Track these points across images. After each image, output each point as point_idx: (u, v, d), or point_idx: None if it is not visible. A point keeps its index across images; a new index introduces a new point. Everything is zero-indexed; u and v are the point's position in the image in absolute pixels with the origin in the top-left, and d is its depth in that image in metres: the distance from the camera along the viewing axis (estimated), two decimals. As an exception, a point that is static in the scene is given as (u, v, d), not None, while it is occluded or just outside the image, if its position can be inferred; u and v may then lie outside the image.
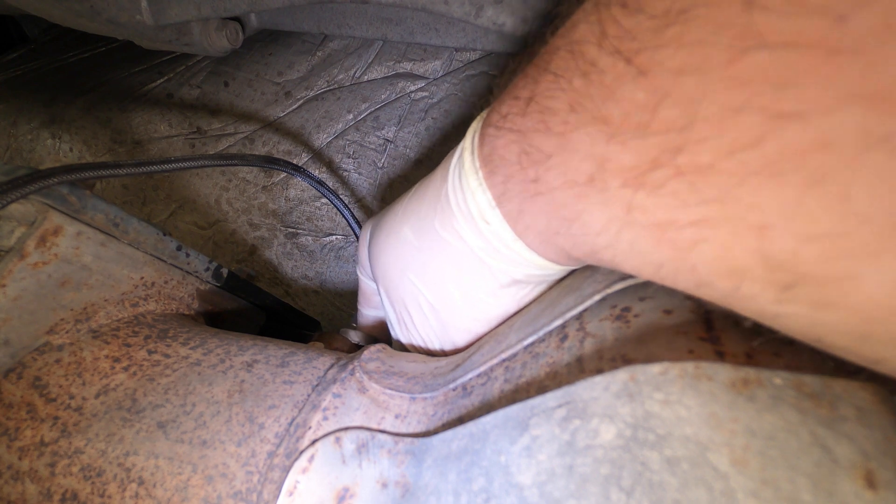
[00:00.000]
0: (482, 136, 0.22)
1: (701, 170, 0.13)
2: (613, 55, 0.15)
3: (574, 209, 0.18)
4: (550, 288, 0.26)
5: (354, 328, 0.38)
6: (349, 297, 0.56)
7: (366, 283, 0.35)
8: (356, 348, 0.36)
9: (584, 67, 0.16)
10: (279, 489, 0.22)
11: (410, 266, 0.26)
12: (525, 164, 0.19)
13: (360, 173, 0.56)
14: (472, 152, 0.22)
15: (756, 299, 0.14)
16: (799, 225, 0.12)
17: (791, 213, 0.12)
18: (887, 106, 0.10)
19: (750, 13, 0.12)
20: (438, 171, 0.26)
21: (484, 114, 0.24)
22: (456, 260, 0.24)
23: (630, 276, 0.20)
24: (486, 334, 0.26)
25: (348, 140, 0.56)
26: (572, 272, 0.26)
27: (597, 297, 0.20)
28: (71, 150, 0.59)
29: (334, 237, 0.56)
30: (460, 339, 0.27)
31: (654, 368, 0.15)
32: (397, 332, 0.30)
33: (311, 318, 0.48)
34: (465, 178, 0.22)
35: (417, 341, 0.29)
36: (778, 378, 0.14)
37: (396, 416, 0.24)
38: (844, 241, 0.12)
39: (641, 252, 0.16)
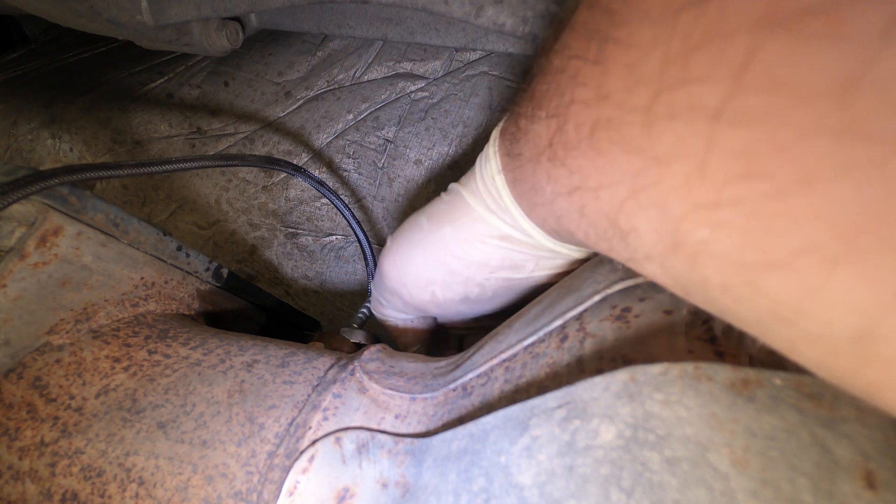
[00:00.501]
0: (504, 119, 0.26)
1: (565, 143, 0.18)
2: (545, 54, 0.20)
3: (534, 178, 0.22)
4: (550, 289, 0.26)
5: (354, 328, 0.38)
6: (349, 297, 0.56)
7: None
8: (356, 348, 0.36)
9: (541, 63, 0.21)
10: (279, 489, 0.22)
11: (427, 211, 0.31)
12: (514, 139, 0.23)
13: (360, 173, 0.56)
14: (498, 128, 0.26)
15: (620, 254, 0.17)
16: (603, 186, 0.17)
17: (598, 176, 0.17)
18: (607, 100, 0.16)
19: (569, 32, 0.18)
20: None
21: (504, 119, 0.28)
22: (463, 208, 0.28)
23: (630, 277, 0.20)
24: (454, 282, 0.30)
25: (348, 140, 0.56)
26: (572, 272, 0.26)
27: (597, 298, 0.20)
28: (71, 150, 0.59)
29: (334, 237, 0.56)
30: (433, 273, 0.30)
31: (654, 369, 0.15)
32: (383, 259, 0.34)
33: (311, 318, 0.48)
34: (486, 150, 0.27)
35: (392, 267, 0.32)
36: (778, 378, 0.14)
37: (396, 417, 0.24)
38: (619, 195, 0.16)
39: (573, 217, 0.20)
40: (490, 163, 0.26)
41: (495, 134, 0.26)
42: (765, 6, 0.10)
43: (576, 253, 0.26)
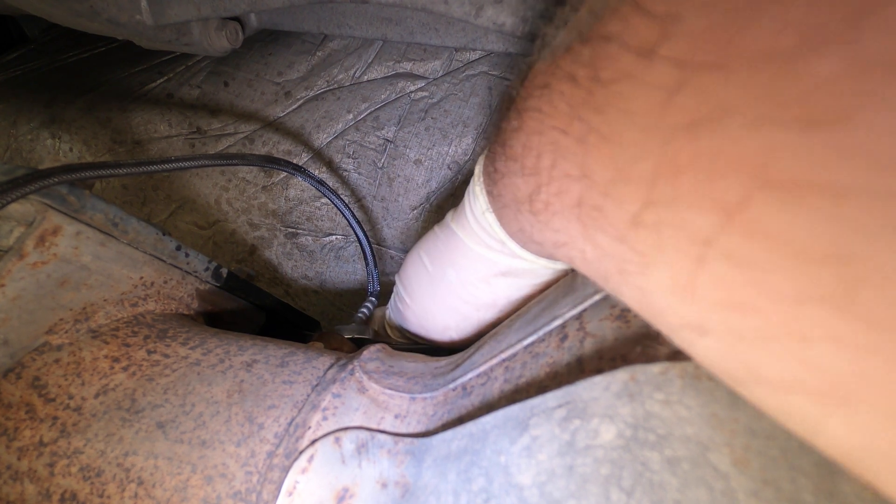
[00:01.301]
0: (486, 159, 0.26)
1: (546, 205, 0.18)
2: (516, 109, 0.20)
3: (519, 222, 0.22)
4: (550, 288, 0.26)
5: (349, 325, 0.38)
6: (349, 297, 0.56)
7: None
8: (356, 348, 0.36)
9: (510, 115, 0.21)
10: (278, 489, 0.22)
11: (427, 250, 0.31)
12: (491, 181, 0.23)
13: (360, 173, 0.55)
14: (480, 164, 0.26)
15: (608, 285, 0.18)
16: (589, 252, 0.17)
17: (584, 243, 0.17)
18: (592, 183, 0.15)
19: (555, 100, 0.17)
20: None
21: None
22: (463, 251, 0.28)
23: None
24: (467, 325, 0.30)
25: (348, 140, 0.56)
26: (572, 273, 0.26)
27: (597, 297, 0.20)
28: (71, 150, 0.59)
29: (334, 237, 0.56)
30: (447, 318, 0.31)
31: (655, 368, 0.15)
32: (393, 307, 0.35)
33: (311, 318, 0.48)
34: (473, 186, 0.27)
35: (412, 315, 0.33)
36: (778, 378, 0.14)
37: (396, 416, 0.24)
38: (604, 266, 0.16)
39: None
40: (478, 200, 0.26)
41: (478, 170, 0.26)
42: (759, 167, 0.10)
43: None
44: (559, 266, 0.26)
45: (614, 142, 0.14)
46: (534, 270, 0.26)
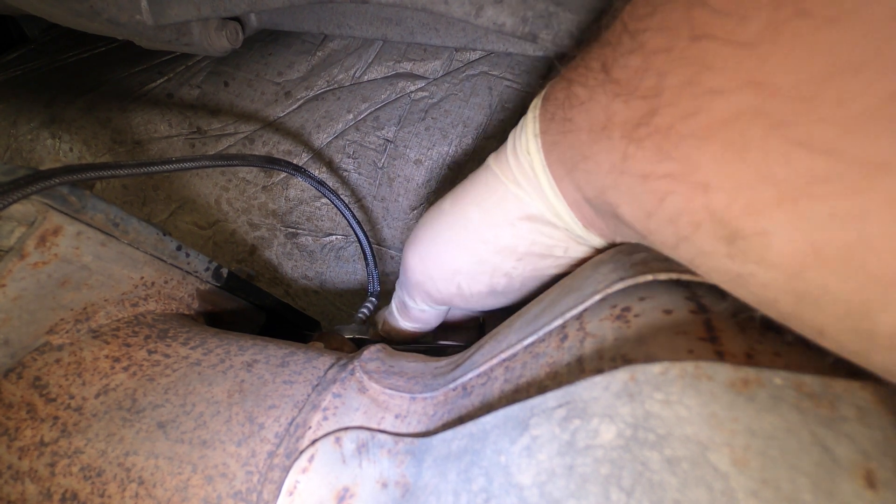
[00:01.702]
0: (550, 85, 0.25)
1: (665, 130, 0.16)
2: (627, 32, 0.19)
3: (591, 148, 0.20)
4: (550, 288, 0.26)
5: (349, 325, 0.38)
6: (349, 297, 0.56)
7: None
8: (356, 348, 0.36)
9: (613, 39, 0.20)
10: (279, 489, 0.22)
11: (452, 194, 0.30)
12: (566, 105, 0.22)
13: (360, 173, 0.56)
14: (540, 96, 0.25)
15: (715, 255, 0.16)
16: (725, 181, 0.15)
17: (720, 171, 0.15)
18: (764, 90, 0.13)
19: (693, 10, 0.15)
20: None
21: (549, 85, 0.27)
22: (493, 186, 0.27)
23: (629, 277, 0.20)
24: (480, 271, 0.28)
25: (348, 140, 0.56)
26: (572, 273, 0.26)
27: (597, 297, 0.20)
28: (71, 150, 0.59)
29: (334, 237, 0.56)
30: (459, 261, 0.29)
31: (654, 368, 0.15)
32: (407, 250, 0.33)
33: (311, 318, 0.48)
34: (526, 116, 0.26)
35: (418, 260, 0.31)
36: (778, 378, 0.14)
37: (396, 416, 0.24)
38: (752, 197, 0.14)
39: (635, 198, 0.19)
40: (527, 127, 0.25)
41: (537, 101, 0.25)
42: None
43: (597, 242, 0.25)
44: (580, 230, 0.25)
45: (825, 19, 0.12)
46: (557, 225, 0.25)
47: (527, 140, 0.25)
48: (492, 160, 0.27)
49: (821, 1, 0.12)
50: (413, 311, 0.35)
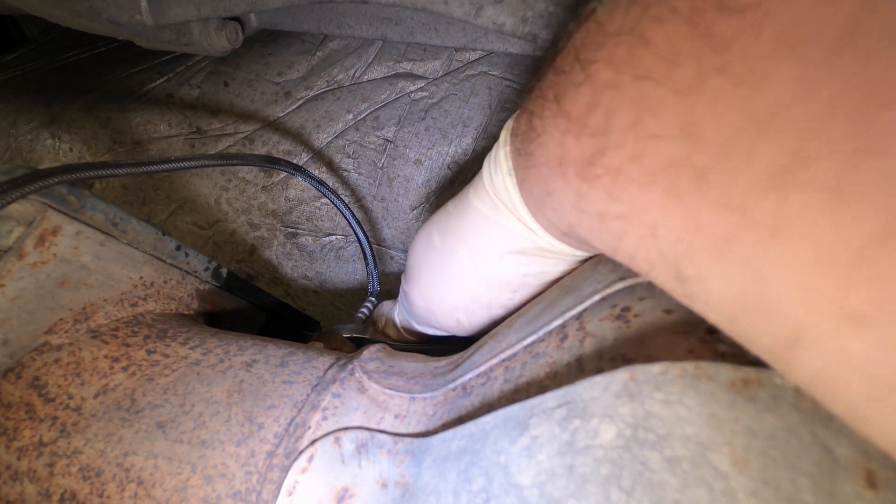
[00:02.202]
0: (514, 118, 0.25)
1: (615, 171, 0.16)
2: (578, 61, 0.18)
3: (551, 185, 0.20)
4: (550, 288, 0.26)
5: (348, 325, 0.38)
6: (349, 297, 0.56)
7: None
8: (356, 348, 0.36)
9: (565, 67, 0.19)
10: (278, 489, 0.22)
11: (439, 225, 0.30)
12: (527, 139, 0.22)
13: (360, 173, 0.55)
14: (508, 129, 0.25)
15: (674, 292, 0.16)
16: (668, 226, 0.15)
17: (663, 216, 0.15)
18: (694, 140, 0.13)
19: (641, 49, 0.15)
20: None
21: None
22: (476, 222, 0.26)
23: (629, 277, 0.20)
24: (477, 306, 0.28)
25: (348, 140, 0.56)
26: (571, 273, 0.26)
27: (597, 298, 0.20)
28: (71, 150, 0.59)
29: (334, 237, 0.56)
30: (455, 299, 0.29)
31: (655, 368, 0.15)
32: (401, 299, 0.33)
33: (310, 318, 0.48)
34: (497, 151, 0.25)
35: (417, 295, 0.31)
36: (778, 378, 0.14)
37: (396, 416, 0.24)
38: (689, 243, 0.14)
39: (597, 235, 0.18)
40: (500, 164, 0.24)
41: (505, 135, 0.25)
42: None
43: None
44: (568, 253, 0.24)
45: (747, 84, 0.12)
46: (542, 249, 0.25)
47: (503, 177, 0.24)
48: (472, 195, 0.27)
49: (738, 58, 0.13)
50: (419, 330, 0.35)
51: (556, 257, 0.25)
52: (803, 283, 0.11)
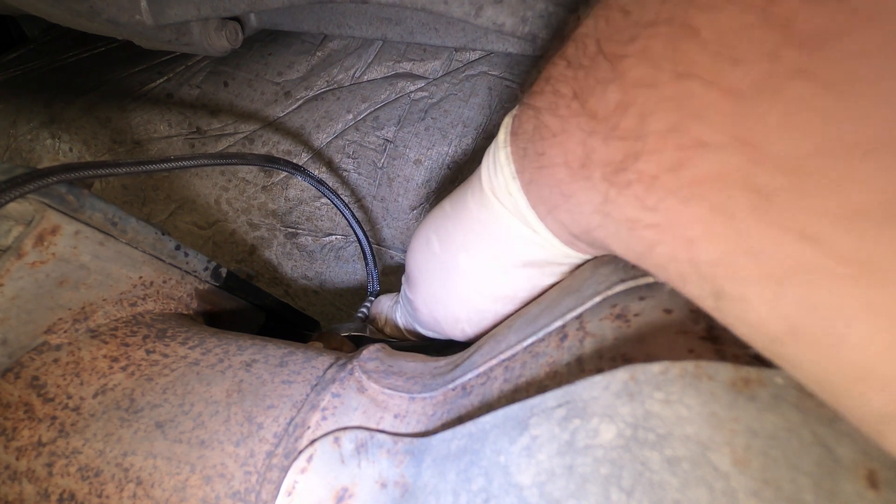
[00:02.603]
0: (515, 118, 0.23)
1: (650, 179, 0.15)
2: (604, 55, 0.16)
3: (569, 187, 0.19)
4: (550, 289, 0.26)
5: (346, 324, 0.38)
6: (349, 297, 0.56)
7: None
8: (355, 348, 0.35)
9: (585, 62, 0.17)
10: (278, 489, 0.22)
11: (437, 230, 0.27)
12: (536, 138, 0.20)
13: (359, 173, 0.55)
14: (507, 128, 0.23)
15: (703, 304, 0.15)
16: (709, 243, 0.13)
17: (705, 231, 0.13)
18: (753, 152, 0.12)
19: (685, 42, 0.13)
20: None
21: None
22: (477, 231, 0.25)
23: (630, 278, 0.20)
24: (481, 319, 0.27)
25: (348, 140, 0.56)
26: (572, 273, 0.25)
27: (597, 299, 0.20)
28: (70, 150, 0.59)
29: (334, 237, 0.56)
30: (458, 311, 0.27)
31: (655, 368, 0.15)
32: (403, 300, 0.32)
33: (310, 318, 0.48)
34: (496, 153, 0.23)
35: (421, 303, 0.30)
36: (779, 377, 0.14)
37: (395, 416, 0.24)
38: (735, 264, 0.13)
39: (622, 240, 0.17)
40: (502, 167, 0.22)
41: (505, 134, 0.23)
42: None
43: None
44: (574, 257, 0.23)
45: (852, 93, 0.10)
46: (551, 258, 0.23)
47: (506, 181, 0.22)
48: (470, 200, 0.25)
49: (829, 60, 0.10)
50: (423, 334, 0.34)
51: (564, 266, 0.24)
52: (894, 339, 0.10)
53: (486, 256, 0.25)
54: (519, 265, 0.24)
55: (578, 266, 0.25)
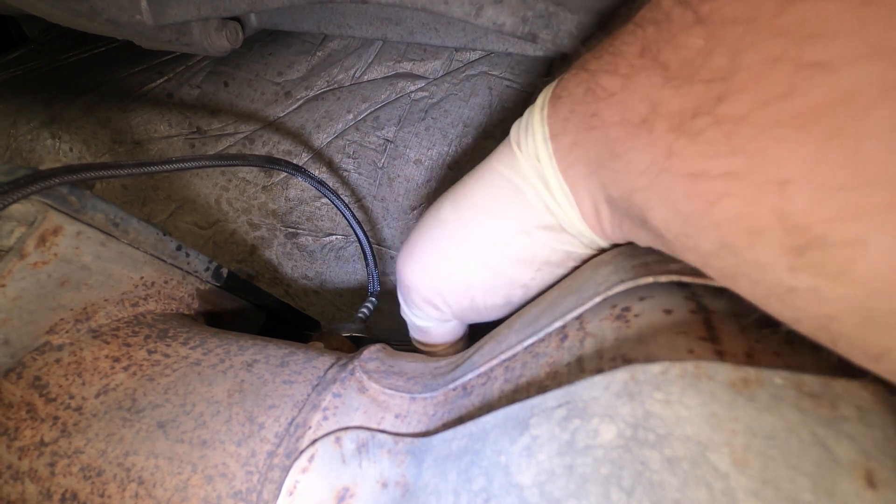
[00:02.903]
0: (560, 82, 0.23)
1: (736, 120, 0.14)
2: (682, 5, 0.16)
3: (623, 145, 0.18)
4: (550, 290, 0.26)
5: (347, 324, 0.38)
6: (349, 297, 0.56)
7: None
8: (356, 348, 0.36)
9: (658, 16, 0.17)
10: (279, 489, 0.22)
11: (452, 197, 0.27)
12: (589, 99, 0.20)
13: (360, 173, 0.56)
14: (546, 95, 0.23)
15: (771, 267, 0.13)
16: (815, 181, 0.12)
17: (809, 168, 0.12)
18: None
19: None
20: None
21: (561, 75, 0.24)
22: (502, 191, 0.24)
23: (630, 279, 0.20)
24: (498, 284, 0.26)
25: (348, 140, 0.56)
26: (572, 274, 0.26)
27: (597, 299, 0.20)
28: (71, 150, 0.59)
29: (334, 237, 0.56)
30: (473, 274, 0.26)
31: (655, 368, 0.15)
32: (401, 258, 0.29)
33: (311, 318, 0.48)
34: (530, 117, 0.23)
35: (420, 274, 0.28)
36: (778, 378, 0.14)
37: (396, 416, 0.24)
38: (853, 200, 0.11)
39: (672, 200, 0.16)
40: (534, 131, 0.22)
41: (543, 99, 0.23)
42: None
43: (604, 244, 0.24)
44: (593, 236, 0.23)
45: None
46: (572, 233, 0.23)
47: (535, 145, 0.22)
48: (498, 163, 0.25)
49: None
50: (409, 319, 0.32)
51: (576, 240, 0.24)
52: None
53: (508, 217, 0.24)
54: (541, 227, 0.24)
55: (585, 261, 0.25)
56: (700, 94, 0.15)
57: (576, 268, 0.26)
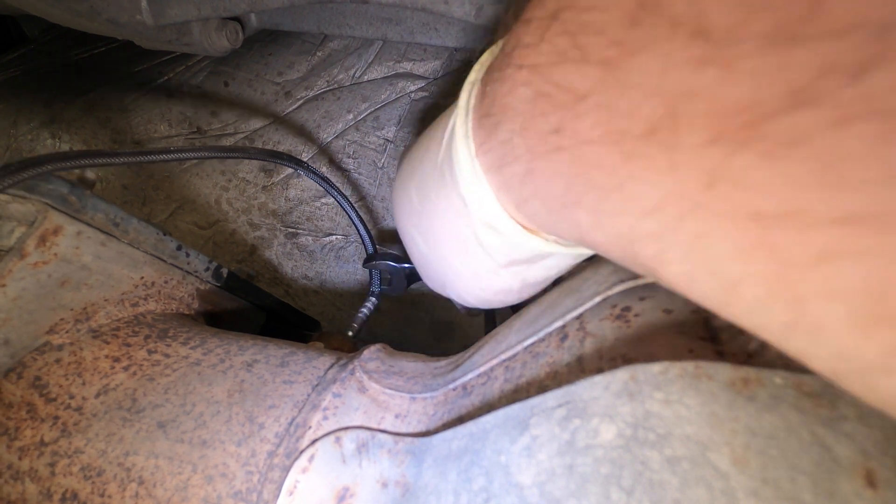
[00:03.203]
0: (482, 86, 0.17)
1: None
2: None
3: (615, 173, 0.12)
4: (550, 290, 0.26)
5: (354, 326, 0.38)
6: (349, 297, 0.56)
7: None
8: (356, 348, 0.36)
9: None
10: (279, 489, 0.22)
11: (416, 225, 0.24)
12: (542, 110, 0.13)
13: (360, 173, 0.56)
14: (467, 113, 0.17)
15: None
16: None
17: None
18: None
19: None
20: (443, 120, 0.22)
21: (484, 58, 0.18)
22: (454, 233, 0.21)
23: (630, 278, 0.20)
24: (492, 301, 0.25)
25: (348, 140, 0.56)
26: (572, 275, 0.26)
27: (597, 299, 0.20)
28: (70, 150, 0.59)
29: (334, 237, 0.56)
30: (470, 297, 0.25)
31: (655, 368, 0.15)
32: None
33: (311, 318, 0.48)
34: (455, 146, 0.18)
35: (426, 279, 0.27)
36: (778, 377, 0.14)
37: (396, 416, 0.24)
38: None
39: (710, 256, 0.10)
40: (461, 163, 0.17)
41: (466, 107, 0.17)
42: None
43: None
44: (556, 248, 0.19)
45: None
46: (545, 260, 0.20)
47: (467, 186, 0.18)
48: (443, 204, 0.20)
49: None
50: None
51: (557, 256, 0.21)
52: None
53: (479, 258, 0.20)
54: (504, 265, 0.20)
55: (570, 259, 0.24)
56: (816, 62, 0.08)
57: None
